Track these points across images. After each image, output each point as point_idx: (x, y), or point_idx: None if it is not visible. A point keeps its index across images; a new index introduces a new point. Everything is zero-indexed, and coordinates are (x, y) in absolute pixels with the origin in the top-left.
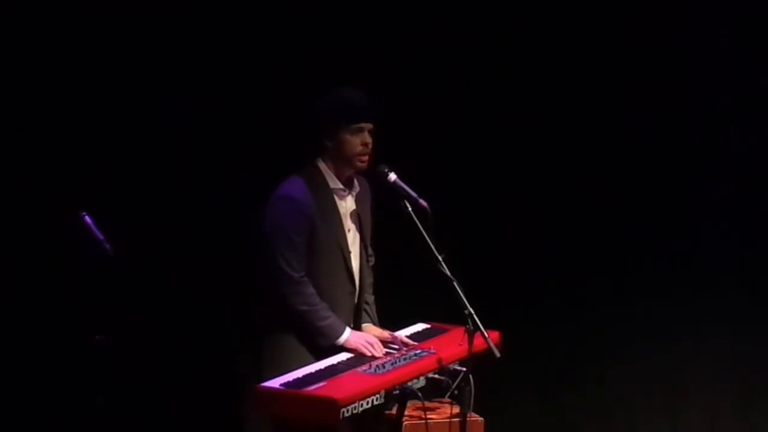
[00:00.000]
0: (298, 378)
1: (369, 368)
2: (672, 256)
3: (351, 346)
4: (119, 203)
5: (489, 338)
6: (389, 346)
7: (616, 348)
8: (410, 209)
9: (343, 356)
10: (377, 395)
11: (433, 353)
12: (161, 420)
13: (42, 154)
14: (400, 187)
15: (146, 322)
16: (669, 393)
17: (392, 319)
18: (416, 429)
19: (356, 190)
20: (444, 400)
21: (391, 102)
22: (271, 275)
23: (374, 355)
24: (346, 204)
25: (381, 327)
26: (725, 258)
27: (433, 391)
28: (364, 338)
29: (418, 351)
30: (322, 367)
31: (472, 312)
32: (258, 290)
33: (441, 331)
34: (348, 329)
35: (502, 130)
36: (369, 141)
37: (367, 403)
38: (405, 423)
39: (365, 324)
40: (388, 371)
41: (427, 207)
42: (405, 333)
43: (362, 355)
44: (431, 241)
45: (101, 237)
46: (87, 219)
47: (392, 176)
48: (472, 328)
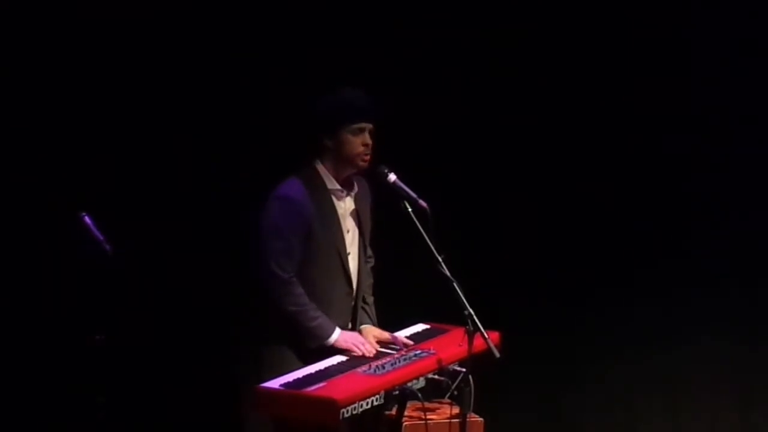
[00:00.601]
0: (298, 378)
1: (369, 369)
2: (672, 256)
3: (341, 346)
4: (119, 203)
5: (489, 339)
6: (388, 347)
7: (616, 348)
8: (410, 210)
9: (343, 357)
10: (377, 396)
11: (433, 354)
12: (161, 420)
13: (42, 155)
14: (400, 188)
15: (146, 322)
16: (669, 393)
17: (392, 320)
18: (416, 429)
19: (355, 191)
20: (444, 401)
21: (391, 102)
22: (262, 276)
23: (364, 355)
24: (345, 205)
25: (381, 328)
26: (725, 258)
27: (433, 392)
28: (354, 338)
29: (418, 351)
30: (322, 368)
31: (472, 312)
32: (254, 292)
33: (441, 332)
34: (338, 329)
35: (502, 130)
36: (369, 141)
37: (367, 404)
38: (405, 423)
39: (364, 325)
40: (388, 372)
41: (427, 207)
42: (405, 333)
43: (354, 355)
44: (431, 242)
45: (101, 237)
46: (87, 219)
47: (392, 177)
48: (472, 329)
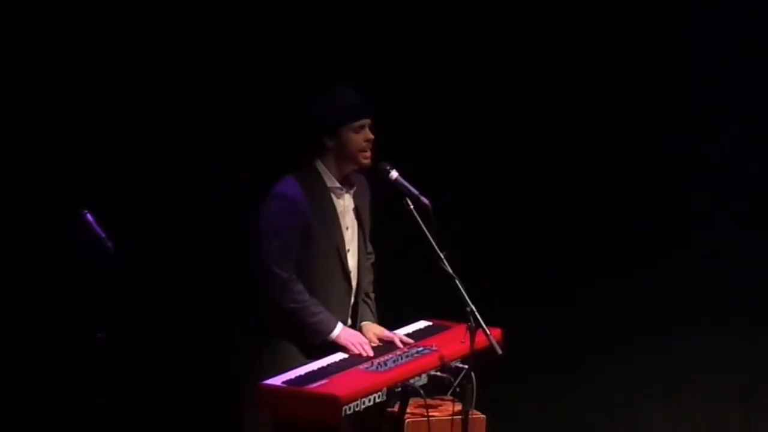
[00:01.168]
0: (300, 375)
1: (371, 366)
2: (672, 256)
3: (341, 343)
4: (119, 203)
5: (491, 335)
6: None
7: (618, 346)
8: (412, 207)
9: (345, 354)
10: (379, 393)
11: (435, 351)
12: (161, 420)
13: (43, 154)
14: (402, 185)
15: (146, 322)
16: (669, 391)
17: (394, 317)
18: (418, 426)
19: (354, 189)
20: (446, 398)
21: (392, 102)
22: (260, 275)
23: (362, 355)
24: (344, 202)
25: (382, 325)
26: (725, 258)
27: (435, 389)
28: (356, 337)
29: (420, 348)
30: (324, 365)
31: (474, 309)
32: (254, 291)
33: (443, 329)
34: (340, 324)
35: (502, 130)
36: (371, 136)
37: (369, 401)
38: (407, 420)
39: (365, 321)
40: (390, 369)
41: (429, 204)
42: (407, 330)
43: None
44: (433, 239)
45: (102, 235)
46: (88, 216)
47: (394, 174)
48: (474, 326)
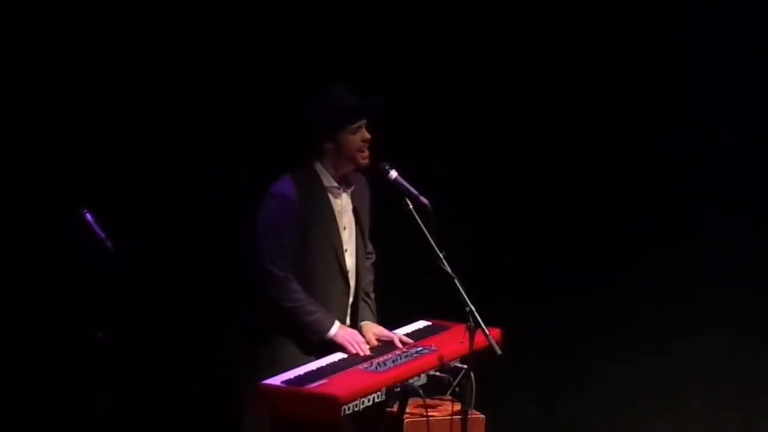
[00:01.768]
0: (300, 375)
1: (370, 365)
2: (672, 256)
3: (339, 341)
4: (119, 203)
5: (490, 335)
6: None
7: (617, 346)
8: (411, 207)
9: (344, 354)
10: (378, 392)
11: (435, 350)
12: (161, 419)
13: (43, 154)
14: (402, 185)
15: (146, 321)
16: (669, 391)
17: (393, 317)
18: (417, 426)
19: (352, 188)
20: (445, 398)
21: (392, 102)
22: (257, 274)
23: (358, 354)
24: (342, 202)
25: (381, 325)
26: (725, 257)
27: (435, 389)
28: (353, 336)
29: (420, 348)
30: (324, 365)
31: (473, 309)
32: (251, 291)
33: (442, 329)
34: (337, 323)
35: (502, 130)
36: (368, 136)
37: (369, 401)
38: (406, 420)
39: (365, 321)
40: (390, 369)
41: (428, 204)
42: (406, 330)
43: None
44: (432, 239)
45: (102, 234)
46: (88, 216)
47: (393, 173)
48: (473, 326)
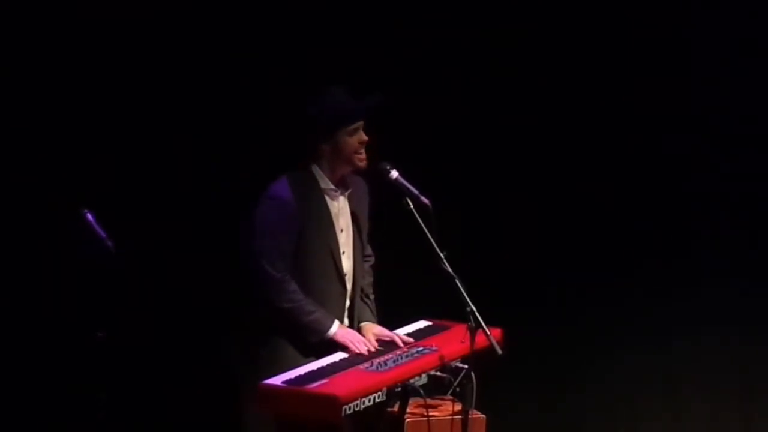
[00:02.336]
0: (300, 375)
1: (371, 365)
2: (672, 256)
3: (339, 341)
4: (119, 203)
5: (491, 335)
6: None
7: (618, 346)
8: (412, 207)
9: (344, 354)
10: (379, 392)
11: (435, 350)
12: (161, 419)
13: (43, 154)
14: (402, 185)
15: (146, 321)
16: (669, 391)
17: (394, 317)
18: (418, 426)
19: (350, 190)
20: (446, 398)
21: (392, 102)
22: (255, 276)
23: (359, 353)
24: (339, 204)
25: (382, 325)
26: (725, 257)
27: (435, 389)
28: (353, 335)
29: (420, 348)
30: (324, 365)
31: (474, 309)
32: (249, 293)
33: (443, 329)
34: (336, 322)
35: (502, 130)
36: (365, 138)
37: (369, 401)
38: (407, 420)
39: (365, 322)
40: (390, 368)
41: (429, 204)
42: (407, 330)
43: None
44: (433, 239)
45: (103, 234)
46: (89, 216)
47: (394, 173)
48: (474, 326)
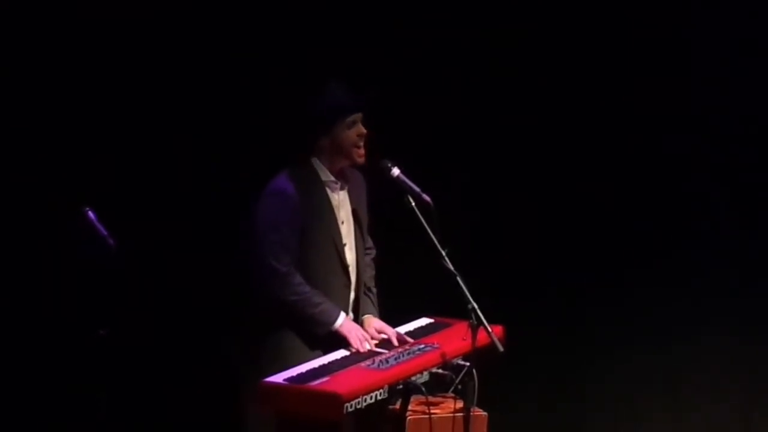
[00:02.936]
0: (302, 373)
1: (373, 363)
2: (673, 255)
3: (343, 333)
4: (119, 203)
5: (492, 333)
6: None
7: (619, 345)
8: (413, 204)
9: (346, 351)
10: (381, 390)
11: (437, 348)
12: (161, 418)
13: (45, 154)
14: (404, 182)
15: (147, 320)
16: (671, 391)
17: (396, 314)
18: (420, 424)
19: (349, 183)
20: (447, 395)
21: (391, 102)
22: (259, 271)
23: (359, 350)
24: (339, 196)
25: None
26: (726, 257)
27: (437, 386)
28: (358, 330)
29: (422, 346)
30: (326, 362)
31: (476, 307)
32: (254, 288)
33: (444, 326)
34: (343, 314)
35: (502, 130)
36: (364, 131)
37: (371, 398)
38: (408, 418)
39: (367, 315)
40: (392, 366)
41: (431, 202)
42: (408, 328)
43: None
44: (435, 236)
45: (104, 232)
46: (90, 214)
47: (395, 171)
48: (476, 323)
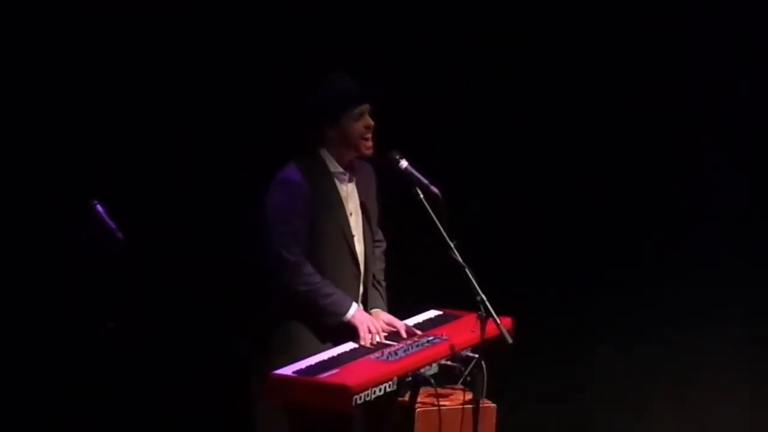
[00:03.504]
0: (311, 365)
1: (382, 355)
2: (682, 246)
3: (355, 323)
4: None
5: (501, 325)
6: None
7: (628, 336)
8: (421, 196)
9: (355, 344)
10: (390, 382)
11: (446, 340)
12: (171, 409)
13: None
14: (412, 174)
15: (156, 312)
16: (679, 382)
17: (404, 306)
18: (429, 416)
19: (358, 175)
20: (457, 387)
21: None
22: (269, 261)
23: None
24: (347, 188)
25: (392, 314)
26: (735, 248)
27: (446, 378)
28: (370, 321)
29: (431, 338)
30: (335, 354)
31: (484, 298)
32: (264, 280)
33: (453, 318)
34: (354, 304)
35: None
36: (371, 122)
37: (380, 390)
38: (418, 410)
39: (376, 309)
40: (401, 358)
41: (439, 194)
42: (417, 320)
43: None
44: (443, 228)
45: (113, 225)
46: (98, 208)
47: (403, 163)
48: (485, 315)
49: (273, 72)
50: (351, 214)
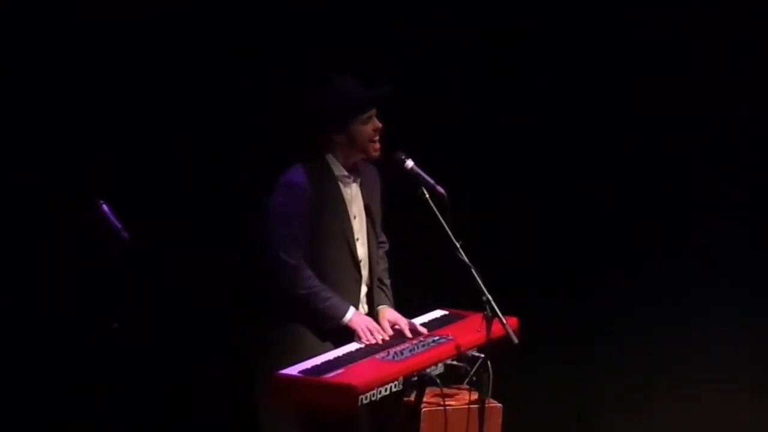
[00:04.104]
0: (316, 365)
1: (387, 355)
2: (682, 246)
3: (353, 327)
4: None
5: (507, 324)
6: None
7: (632, 336)
8: (427, 196)
9: (360, 344)
10: (396, 382)
11: (452, 340)
12: (176, 409)
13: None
14: (418, 174)
15: (160, 313)
16: (685, 382)
17: (410, 306)
18: (435, 415)
19: (362, 177)
20: (462, 387)
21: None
22: (269, 263)
23: (371, 343)
24: (351, 191)
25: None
26: (736, 248)
27: (452, 378)
28: (368, 323)
29: (437, 337)
30: (340, 354)
31: (490, 298)
32: (263, 281)
33: (459, 318)
34: (352, 308)
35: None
36: (379, 125)
37: (386, 390)
38: (423, 410)
39: (382, 306)
40: (407, 358)
41: (445, 194)
42: (423, 320)
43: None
44: (449, 228)
45: (119, 225)
46: (104, 207)
47: (409, 163)
48: (490, 315)
49: (273, 72)
50: (355, 217)
